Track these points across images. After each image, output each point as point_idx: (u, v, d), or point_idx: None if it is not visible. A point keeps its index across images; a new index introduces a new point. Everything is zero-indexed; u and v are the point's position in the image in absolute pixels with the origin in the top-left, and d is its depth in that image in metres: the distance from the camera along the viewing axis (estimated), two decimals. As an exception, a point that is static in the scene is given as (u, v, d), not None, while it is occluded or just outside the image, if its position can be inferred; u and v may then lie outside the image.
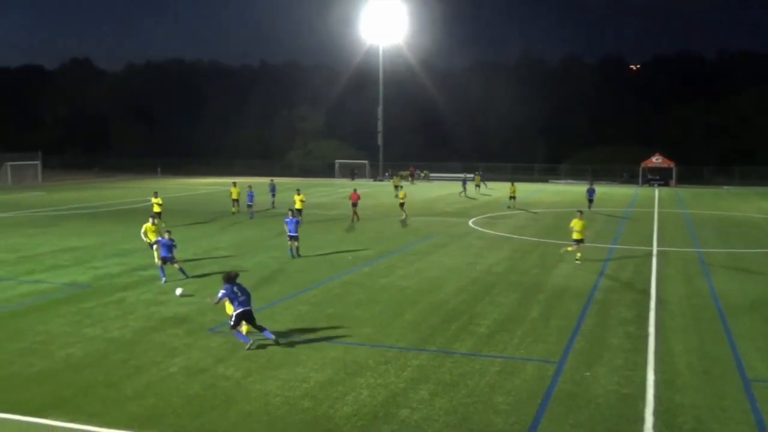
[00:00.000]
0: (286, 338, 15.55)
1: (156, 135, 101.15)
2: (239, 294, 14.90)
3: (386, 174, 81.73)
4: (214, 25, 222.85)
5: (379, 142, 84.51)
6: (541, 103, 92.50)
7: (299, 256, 26.18)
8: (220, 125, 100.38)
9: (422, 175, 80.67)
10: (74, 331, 16.12)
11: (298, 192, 37.79)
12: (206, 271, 23.33)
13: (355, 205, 38.17)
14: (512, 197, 46.45)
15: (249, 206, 40.09)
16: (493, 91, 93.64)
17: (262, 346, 15.01)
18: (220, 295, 15.03)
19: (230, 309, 15.13)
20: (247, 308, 14.89)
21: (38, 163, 73.73)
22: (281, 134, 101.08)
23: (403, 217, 39.53)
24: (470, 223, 38.07)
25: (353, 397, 12.28)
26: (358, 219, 37.69)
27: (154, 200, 35.95)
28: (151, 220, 24.83)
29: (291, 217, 26.68)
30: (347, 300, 19.60)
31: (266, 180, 55.89)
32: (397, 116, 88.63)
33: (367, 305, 18.97)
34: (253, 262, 25.44)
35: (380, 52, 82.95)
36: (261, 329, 15.01)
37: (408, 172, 78.48)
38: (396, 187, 56.42)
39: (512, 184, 47.78)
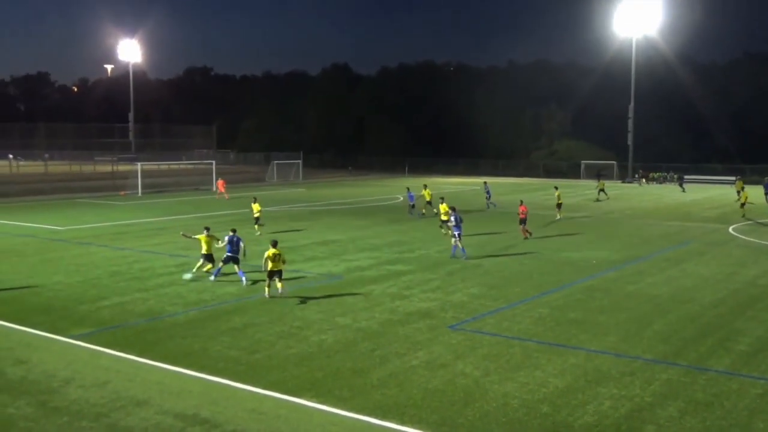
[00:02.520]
0: (527, 340, 15.43)
1: (406, 135, 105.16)
2: None
3: (636, 176, 77.69)
4: (464, 28, 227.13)
5: (629, 141, 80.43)
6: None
7: (463, 254, 25.65)
8: (465, 125, 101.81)
9: (675, 177, 75.28)
10: (327, 318, 17.30)
11: (425, 187, 40.61)
12: (450, 269, 23.92)
13: (522, 221, 31.01)
14: (746, 204, 41.38)
15: (411, 206, 40.06)
16: (762, 86, 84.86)
17: (502, 348, 15.04)
18: None
19: None
20: None
21: (299, 162, 79.96)
22: (526, 134, 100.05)
23: (557, 218, 38.19)
24: (730, 229, 34.97)
25: (594, 407, 11.85)
26: (529, 235, 31.00)
27: (253, 206, 33.56)
28: (205, 231, 22.58)
29: (453, 213, 27.08)
30: (590, 305, 18.96)
31: (507, 181, 55.77)
32: (650, 114, 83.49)
33: (612, 312, 18.20)
34: (492, 262, 25.50)
35: (633, 44, 78.79)
36: None
37: (639, 174, 74.82)
38: (600, 191, 53.02)
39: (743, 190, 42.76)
